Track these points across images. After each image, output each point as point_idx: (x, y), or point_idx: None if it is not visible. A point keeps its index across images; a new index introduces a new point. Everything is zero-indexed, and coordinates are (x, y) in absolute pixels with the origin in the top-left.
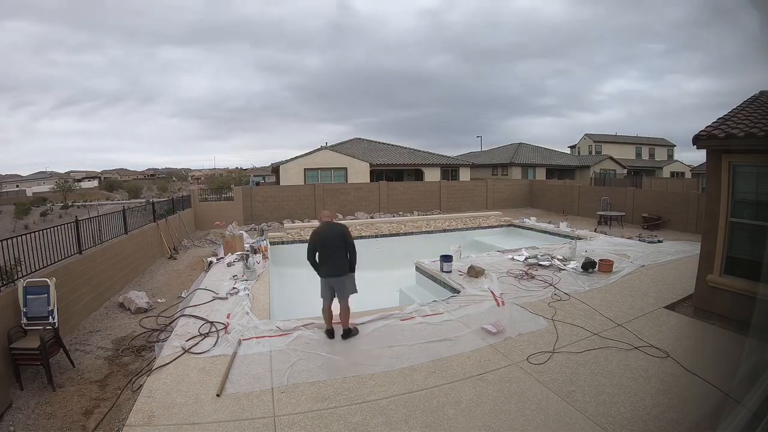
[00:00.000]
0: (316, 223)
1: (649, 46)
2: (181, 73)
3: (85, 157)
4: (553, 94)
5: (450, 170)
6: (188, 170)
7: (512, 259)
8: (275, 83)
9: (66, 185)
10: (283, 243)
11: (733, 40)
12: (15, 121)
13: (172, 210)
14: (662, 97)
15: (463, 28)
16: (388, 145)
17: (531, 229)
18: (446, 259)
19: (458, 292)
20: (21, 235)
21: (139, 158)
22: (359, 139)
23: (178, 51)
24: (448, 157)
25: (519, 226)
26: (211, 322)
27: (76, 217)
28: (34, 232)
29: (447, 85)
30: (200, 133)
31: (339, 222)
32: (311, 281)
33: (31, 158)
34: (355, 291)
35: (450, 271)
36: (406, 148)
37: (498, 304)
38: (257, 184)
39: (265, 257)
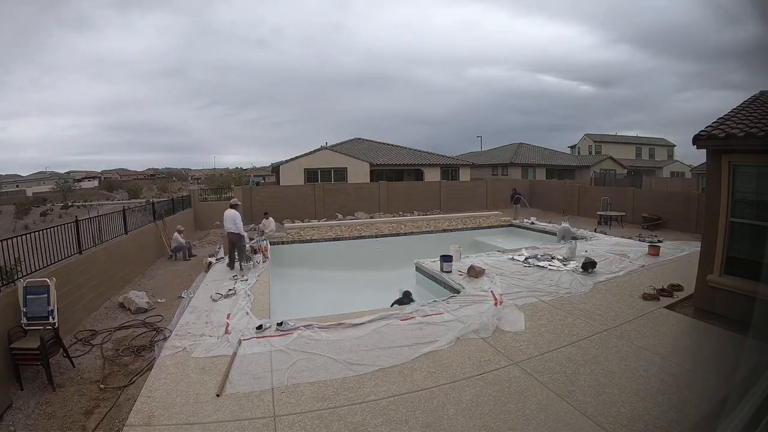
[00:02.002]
0: (316, 223)
1: None
2: None
3: None
4: None
5: (450, 170)
6: (188, 170)
7: (512, 259)
8: None
9: (66, 185)
10: (283, 243)
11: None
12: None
13: (172, 210)
14: None
15: None
16: (388, 145)
17: (531, 229)
18: (446, 259)
19: (458, 292)
20: (21, 235)
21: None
22: (359, 139)
23: None
24: (448, 157)
25: (519, 226)
26: (211, 322)
27: (76, 217)
28: (34, 232)
29: None
30: None
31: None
32: (311, 281)
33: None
34: None
35: (450, 271)
36: (406, 148)
37: (498, 304)
38: (257, 184)
39: (265, 257)
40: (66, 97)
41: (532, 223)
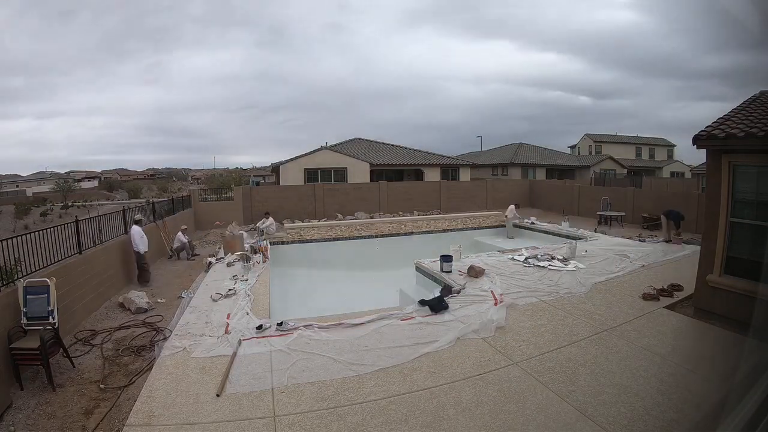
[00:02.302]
0: (316, 223)
1: None
2: None
3: None
4: None
5: (450, 170)
6: (188, 170)
7: (512, 259)
8: None
9: (66, 185)
10: (283, 243)
11: None
12: None
13: (172, 210)
14: None
15: None
16: (388, 145)
17: (531, 229)
18: (446, 259)
19: (458, 292)
20: (21, 235)
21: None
22: (359, 139)
23: None
24: (448, 157)
25: (519, 226)
26: (211, 322)
27: (76, 217)
28: (34, 232)
29: None
30: None
31: None
32: (311, 281)
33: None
34: None
35: (450, 271)
36: (406, 148)
37: (497, 304)
38: (257, 184)
39: (265, 257)
40: (110, 99)
41: (532, 223)
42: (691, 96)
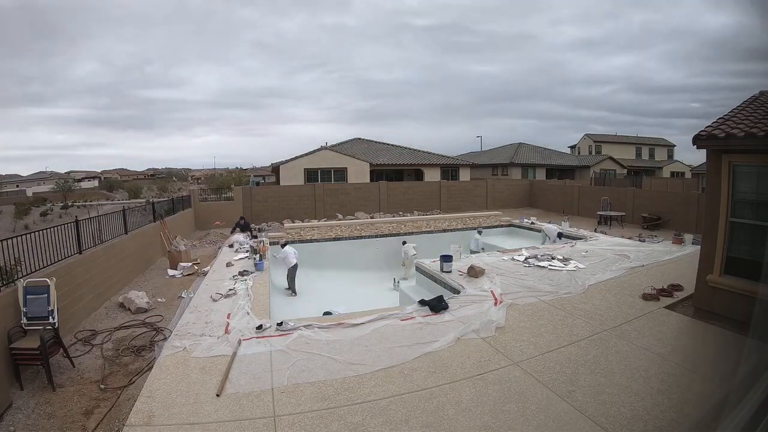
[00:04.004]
0: (316, 223)
1: None
2: None
3: None
4: None
5: (450, 170)
6: (188, 170)
7: (512, 259)
8: None
9: (66, 185)
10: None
11: None
12: None
13: (172, 210)
14: None
15: None
16: (388, 145)
17: (531, 229)
18: (446, 259)
19: (458, 292)
20: (21, 235)
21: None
22: (359, 139)
23: None
24: (448, 157)
25: (519, 226)
26: (211, 322)
27: (76, 217)
28: (34, 232)
29: None
30: None
31: None
32: (311, 281)
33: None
34: None
35: (450, 271)
36: (406, 148)
37: (498, 304)
38: (257, 184)
39: (264, 256)
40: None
41: (532, 223)
42: None
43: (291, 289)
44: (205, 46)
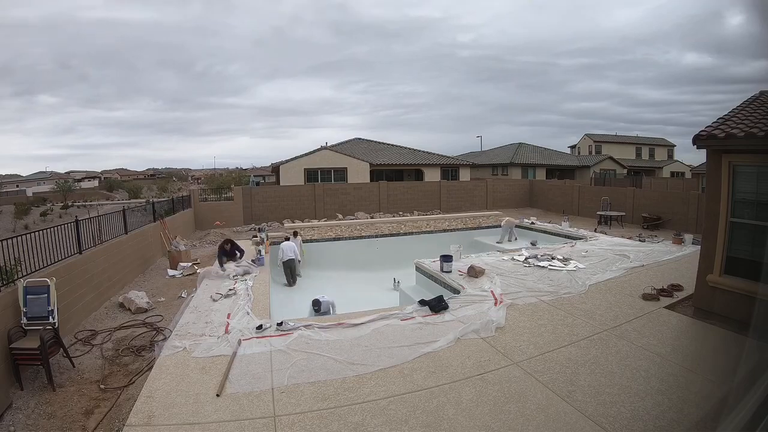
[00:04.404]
0: (316, 223)
1: None
2: None
3: None
4: None
5: (450, 170)
6: (188, 170)
7: (513, 259)
8: None
9: (66, 185)
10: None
11: None
12: None
13: (172, 210)
14: None
15: None
16: (388, 145)
17: (531, 229)
18: (446, 259)
19: (458, 292)
20: (21, 235)
21: None
22: (359, 139)
23: None
24: (448, 157)
25: (519, 226)
26: (212, 322)
27: (76, 217)
28: (34, 232)
29: None
30: None
31: None
32: (311, 281)
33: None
34: None
35: (450, 271)
36: (406, 148)
37: (497, 304)
38: (257, 184)
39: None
40: None
41: (532, 223)
42: None
43: (288, 282)
44: (277, 64)
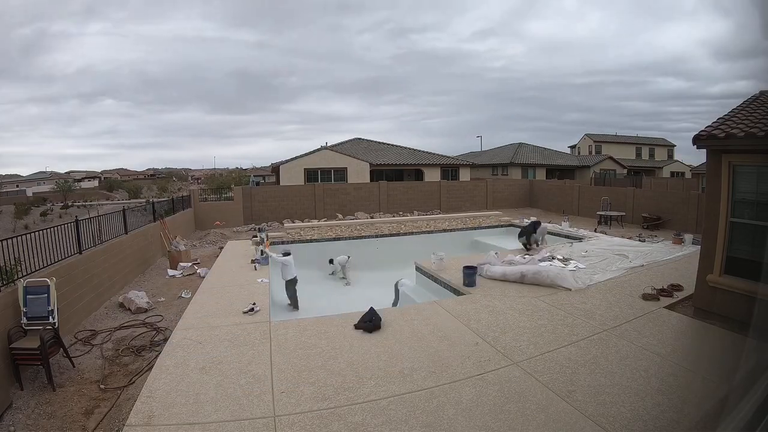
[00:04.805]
0: (316, 223)
1: None
2: None
3: None
4: None
5: (450, 170)
6: (188, 170)
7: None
8: None
9: (66, 185)
10: (283, 243)
11: None
12: None
13: (172, 210)
14: None
15: None
16: (388, 145)
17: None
18: (470, 270)
19: (459, 292)
20: (21, 235)
21: None
22: (359, 139)
23: None
24: (448, 157)
25: (519, 226)
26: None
27: (76, 217)
28: (34, 232)
29: None
30: None
31: None
32: (311, 281)
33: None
34: None
35: (474, 285)
36: (406, 148)
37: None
38: (257, 184)
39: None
40: None
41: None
42: None
43: (293, 304)
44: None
